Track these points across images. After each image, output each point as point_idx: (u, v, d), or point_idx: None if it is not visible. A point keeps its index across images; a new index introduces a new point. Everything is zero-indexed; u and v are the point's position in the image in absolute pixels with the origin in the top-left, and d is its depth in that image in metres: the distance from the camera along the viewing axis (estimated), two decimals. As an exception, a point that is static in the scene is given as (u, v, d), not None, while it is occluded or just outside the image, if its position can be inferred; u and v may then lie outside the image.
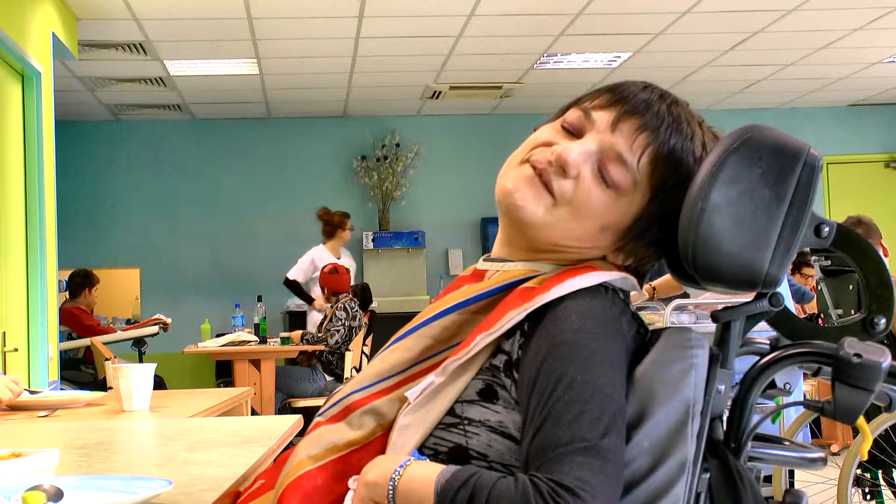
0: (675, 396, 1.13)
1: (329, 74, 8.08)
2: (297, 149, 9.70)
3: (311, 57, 7.49)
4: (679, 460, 1.12)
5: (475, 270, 1.32)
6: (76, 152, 9.28)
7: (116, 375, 2.63)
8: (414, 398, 1.19)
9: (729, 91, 9.11)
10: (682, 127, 1.25)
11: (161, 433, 2.21)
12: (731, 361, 1.20)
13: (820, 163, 1.18)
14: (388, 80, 8.33)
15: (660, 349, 1.17)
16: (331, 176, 9.71)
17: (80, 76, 7.84)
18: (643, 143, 1.23)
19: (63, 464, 1.58)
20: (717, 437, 1.18)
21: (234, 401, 2.99)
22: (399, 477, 1.09)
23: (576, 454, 1.06)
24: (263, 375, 6.64)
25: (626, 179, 1.23)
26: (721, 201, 1.16)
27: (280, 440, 1.89)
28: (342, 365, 6.99)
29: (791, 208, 1.17)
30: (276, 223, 9.61)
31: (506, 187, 1.26)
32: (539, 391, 1.11)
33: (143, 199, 9.53)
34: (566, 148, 1.24)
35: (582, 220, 1.23)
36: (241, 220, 9.59)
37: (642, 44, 7.40)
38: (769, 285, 1.18)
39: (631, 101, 1.24)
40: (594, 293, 1.19)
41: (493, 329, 1.18)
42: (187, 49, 7.20)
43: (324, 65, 7.76)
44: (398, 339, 1.28)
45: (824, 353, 1.17)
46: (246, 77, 8.06)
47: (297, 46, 7.17)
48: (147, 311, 9.19)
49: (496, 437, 1.16)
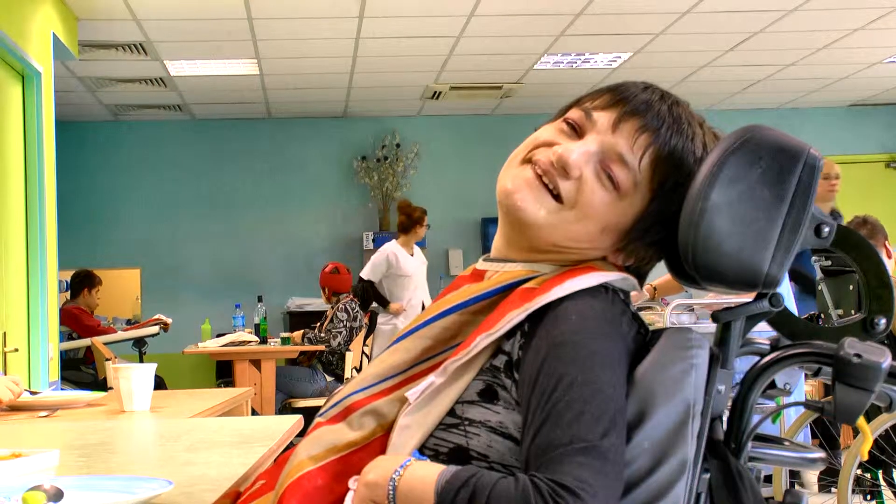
0: (676, 397, 1.13)
1: (329, 74, 8.08)
2: (297, 149, 9.69)
3: (311, 57, 7.49)
4: (679, 460, 1.12)
5: (475, 271, 1.32)
6: (76, 153, 9.28)
7: (117, 376, 2.63)
8: (414, 398, 1.19)
9: (729, 91, 9.11)
10: (683, 127, 1.25)
11: (161, 433, 2.21)
12: (732, 362, 1.20)
13: (820, 163, 1.18)
14: (389, 80, 8.33)
15: (660, 349, 1.17)
16: (331, 176, 9.72)
17: (81, 76, 7.84)
18: (644, 144, 1.23)
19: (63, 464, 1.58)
20: (718, 438, 1.18)
21: (234, 401, 2.99)
22: (399, 477, 1.09)
23: (576, 454, 1.06)
24: (264, 376, 6.64)
25: (628, 180, 1.23)
26: (721, 201, 1.16)
27: (280, 440, 1.89)
28: (343, 365, 6.99)
29: (791, 208, 1.17)
30: (276, 223, 9.61)
31: (506, 187, 1.26)
32: (539, 391, 1.12)
33: (143, 200, 9.53)
34: (567, 149, 1.24)
35: (585, 222, 1.23)
36: (241, 220, 9.59)
37: (643, 44, 7.40)
38: (769, 285, 1.18)
39: (632, 102, 1.25)
40: (594, 293, 1.19)
41: (493, 330, 1.18)
42: (187, 49, 7.20)
43: (324, 65, 7.76)
44: (398, 339, 1.28)
45: (824, 353, 1.17)
46: (246, 77, 8.06)
47: (298, 47, 7.18)
48: (147, 311, 9.19)
49: (497, 438, 1.16)
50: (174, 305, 9.10)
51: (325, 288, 7.25)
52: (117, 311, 9.14)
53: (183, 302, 9.32)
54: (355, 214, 9.68)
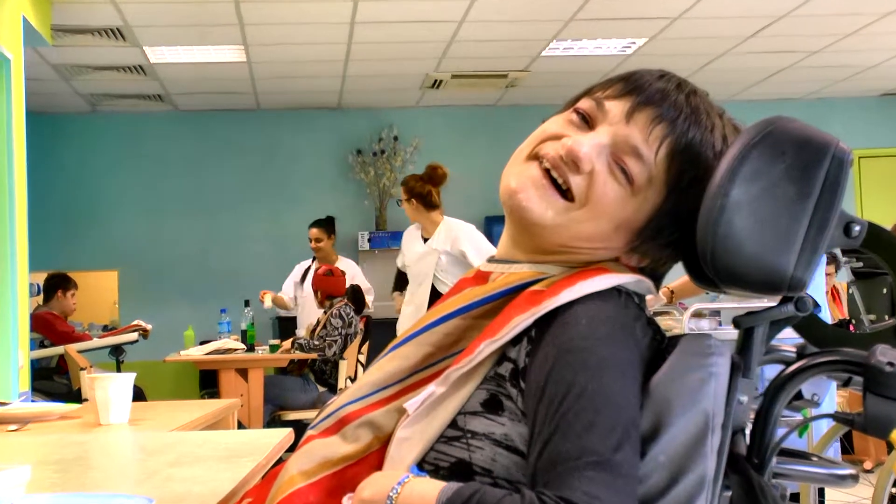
0: (694, 408, 1.13)
1: (322, 62, 8.09)
2: (287, 143, 9.70)
3: (302, 43, 7.49)
4: (698, 477, 1.12)
5: (478, 272, 1.32)
6: (50, 146, 9.29)
7: (93, 386, 2.64)
8: (413, 409, 1.19)
9: (751, 80, 9.12)
10: (702, 118, 1.25)
11: (141, 448, 2.21)
12: (754, 370, 1.20)
13: (849, 157, 1.18)
14: (386, 68, 8.34)
15: (677, 357, 1.17)
16: (324, 172, 9.72)
17: (54, 64, 7.85)
18: (660, 136, 1.23)
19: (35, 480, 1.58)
20: (739, 452, 1.18)
21: (219, 413, 2.99)
22: (397, 495, 1.09)
23: (586, 469, 1.06)
24: (251, 386, 6.64)
25: (642, 174, 1.23)
26: (742, 199, 1.16)
27: (269, 455, 1.89)
28: (336, 374, 6.99)
29: (818, 206, 1.17)
30: (265, 222, 9.62)
31: (510, 186, 1.26)
32: (547, 401, 1.12)
33: (122, 197, 9.54)
34: (577, 141, 1.24)
35: (597, 220, 1.23)
36: (227, 218, 9.60)
37: (658, 29, 7.41)
38: (795, 288, 1.18)
39: (646, 91, 1.25)
40: (606, 297, 1.19)
41: (498, 336, 1.18)
42: (169, 35, 7.21)
43: (317, 52, 7.77)
44: (396, 346, 1.28)
45: (854, 361, 1.17)
46: (233, 65, 8.07)
47: (288, 32, 7.18)
48: (126, 316, 9.20)
49: (501, 452, 1.16)
50: (155, 310, 9.11)
51: (318, 291, 7.25)
52: (93, 316, 9.15)
53: (164, 306, 9.33)
54: (350, 212, 9.69)
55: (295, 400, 6.99)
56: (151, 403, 3.44)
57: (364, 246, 9.41)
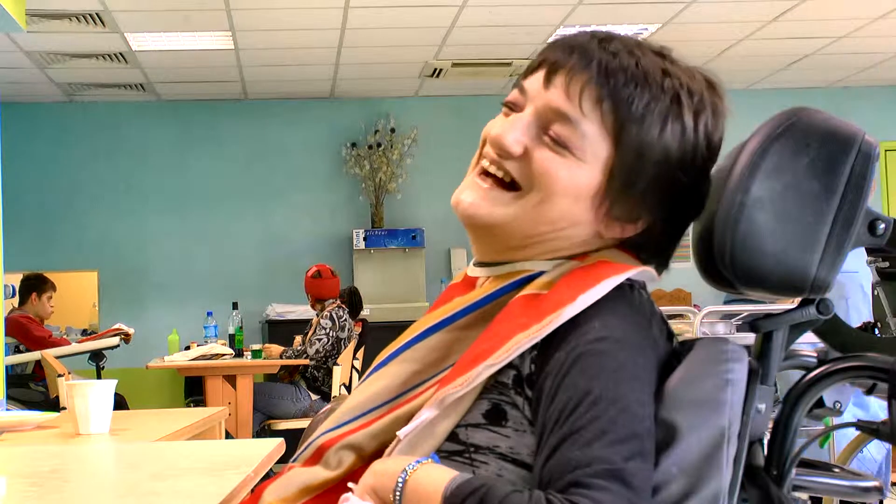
0: (709, 417, 1.13)
1: (314, 49, 8.09)
2: (277, 135, 9.70)
3: (293, 29, 7.49)
4: (713, 489, 1.12)
5: (466, 278, 1.33)
6: (24, 138, 9.28)
7: (71, 394, 2.64)
8: (405, 436, 1.19)
9: (772, 68, 9.11)
10: (620, 57, 1.24)
11: (122, 459, 2.21)
12: (773, 377, 1.21)
13: (876, 151, 1.19)
14: (382, 56, 8.33)
15: (691, 362, 1.17)
16: (316, 166, 9.72)
17: (28, 51, 7.85)
18: (578, 88, 1.22)
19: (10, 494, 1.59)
20: (757, 464, 1.18)
21: (205, 422, 3.00)
22: (413, 470, 1.12)
23: (597, 477, 1.06)
24: (239, 393, 6.64)
25: (576, 134, 1.22)
26: (763, 195, 1.16)
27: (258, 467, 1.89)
28: (329, 381, 6.99)
29: (843, 203, 1.17)
30: (253, 219, 9.61)
31: (456, 199, 1.29)
32: (557, 408, 1.12)
33: (101, 192, 9.53)
34: (502, 129, 1.26)
35: (551, 198, 1.23)
36: (213, 215, 9.59)
37: (673, 14, 7.40)
38: (817, 290, 1.18)
39: (556, 52, 1.26)
40: (615, 294, 1.19)
41: (497, 356, 1.17)
42: (151, 20, 7.21)
43: (308, 38, 7.76)
44: (379, 366, 1.29)
45: (879, 366, 1.17)
46: (219, 52, 8.06)
47: (278, 17, 7.18)
48: (106, 319, 9.20)
49: (507, 466, 1.16)
50: (137, 313, 9.11)
51: (309, 294, 7.26)
52: (71, 319, 9.15)
53: (147, 309, 9.33)
54: (344, 209, 9.68)
55: (286, 409, 6.99)
56: (133, 412, 3.45)
57: (359, 245, 9.41)
